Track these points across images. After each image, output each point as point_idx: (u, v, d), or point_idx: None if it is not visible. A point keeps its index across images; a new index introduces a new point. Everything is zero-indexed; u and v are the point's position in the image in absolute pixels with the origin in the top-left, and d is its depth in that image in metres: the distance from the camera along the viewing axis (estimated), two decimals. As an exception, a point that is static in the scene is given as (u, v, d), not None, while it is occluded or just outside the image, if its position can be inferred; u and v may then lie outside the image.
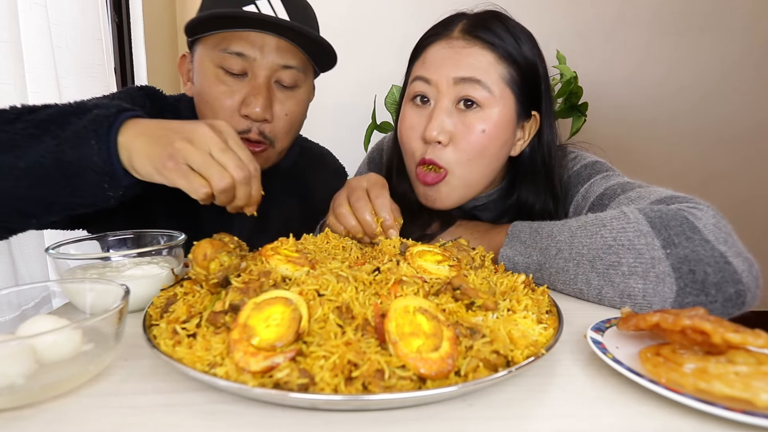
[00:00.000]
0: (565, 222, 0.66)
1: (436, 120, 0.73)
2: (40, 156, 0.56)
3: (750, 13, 2.31)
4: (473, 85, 0.72)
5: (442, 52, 0.75)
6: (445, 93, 0.73)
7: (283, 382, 0.34)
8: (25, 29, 1.10)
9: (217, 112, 0.79)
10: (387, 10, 2.24)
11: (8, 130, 0.58)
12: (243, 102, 0.78)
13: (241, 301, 0.41)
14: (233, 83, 0.78)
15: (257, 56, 0.77)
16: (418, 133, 0.76)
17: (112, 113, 0.57)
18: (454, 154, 0.74)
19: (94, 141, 0.55)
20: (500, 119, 0.73)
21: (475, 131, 0.72)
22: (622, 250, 0.58)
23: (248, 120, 0.79)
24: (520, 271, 0.67)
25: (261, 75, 0.78)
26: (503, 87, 0.73)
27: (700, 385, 0.35)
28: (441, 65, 0.74)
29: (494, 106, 0.73)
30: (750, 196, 2.44)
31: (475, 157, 0.74)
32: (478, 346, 0.38)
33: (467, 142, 0.73)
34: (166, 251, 0.59)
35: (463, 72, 0.72)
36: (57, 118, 0.59)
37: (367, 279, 0.46)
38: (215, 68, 0.78)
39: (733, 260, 0.55)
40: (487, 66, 0.72)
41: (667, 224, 0.57)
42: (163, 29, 2.04)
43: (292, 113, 0.83)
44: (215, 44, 0.77)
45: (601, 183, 0.76)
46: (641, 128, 2.37)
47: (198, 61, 0.81)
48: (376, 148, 1.05)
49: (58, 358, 0.37)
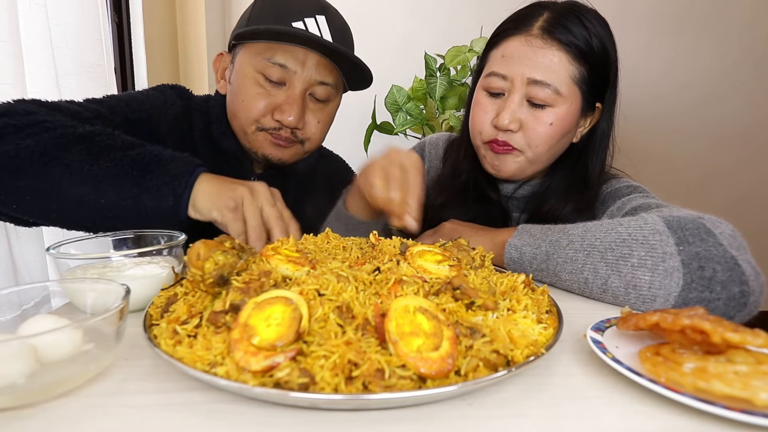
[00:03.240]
0: (581, 222, 0.68)
1: (508, 111, 0.80)
2: (121, 198, 0.64)
3: (749, 13, 2.31)
4: (543, 88, 0.78)
5: (520, 49, 0.79)
6: (518, 89, 0.80)
7: (284, 381, 0.34)
8: (25, 29, 1.10)
9: (250, 111, 0.84)
10: (387, 10, 2.24)
11: (93, 164, 0.64)
12: (277, 108, 0.84)
13: (241, 300, 0.41)
14: (271, 89, 0.84)
15: (297, 69, 0.82)
16: (489, 118, 0.83)
17: (189, 170, 0.67)
18: (524, 139, 0.82)
19: (171, 198, 0.65)
20: (566, 114, 0.80)
21: (543, 123, 0.80)
22: (635, 244, 0.59)
23: (279, 123, 0.84)
24: (527, 260, 0.69)
25: (298, 87, 0.84)
26: (572, 86, 0.79)
27: (700, 384, 0.35)
28: (518, 63, 0.79)
29: (562, 104, 0.79)
30: (748, 194, 2.45)
31: (542, 144, 0.81)
32: (478, 345, 0.38)
33: (535, 132, 0.80)
34: (167, 251, 0.59)
35: (537, 74, 0.77)
36: (139, 163, 0.66)
37: (368, 279, 0.46)
38: (255, 73, 0.83)
39: (743, 264, 0.56)
40: (559, 67, 0.77)
41: (683, 226, 0.59)
42: (163, 29, 2.04)
43: (323, 121, 0.91)
44: (259, 52, 0.83)
45: (638, 199, 0.79)
46: (640, 126, 2.37)
47: (239, 63, 0.86)
48: (418, 145, 1.11)
49: (58, 358, 0.37)
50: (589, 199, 0.85)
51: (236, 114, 0.87)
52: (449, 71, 1.91)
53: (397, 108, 1.94)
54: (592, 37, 0.78)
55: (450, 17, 2.26)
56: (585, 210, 0.85)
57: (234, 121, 0.89)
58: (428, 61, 1.90)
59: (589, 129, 0.87)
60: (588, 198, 0.85)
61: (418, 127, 1.98)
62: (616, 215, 0.79)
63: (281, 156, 0.89)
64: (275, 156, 0.89)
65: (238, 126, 0.88)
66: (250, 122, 0.86)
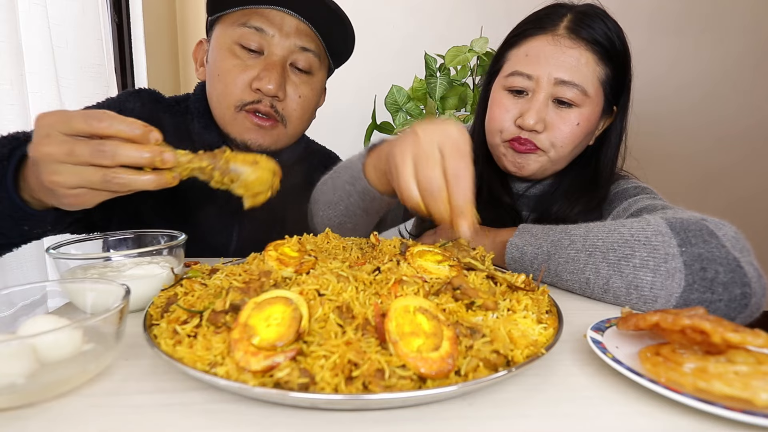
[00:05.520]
0: (584, 223, 0.67)
1: (534, 111, 0.78)
2: None
3: (750, 13, 2.31)
4: (571, 88, 0.77)
5: (546, 48, 0.78)
6: (545, 88, 0.78)
7: (284, 381, 0.34)
8: (25, 29, 1.10)
9: (228, 85, 0.79)
10: (387, 10, 2.24)
11: None
12: (256, 77, 0.78)
13: (241, 300, 0.41)
14: (248, 58, 0.79)
15: (276, 34, 0.78)
16: (512, 117, 0.81)
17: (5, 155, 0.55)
18: (548, 140, 0.80)
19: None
20: (591, 114, 0.80)
21: (569, 123, 0.79)
22: (638, 245, 0.59)
23: (259, 93, 0.79)
24: (528, 260, 0.68)
25: (277, 53, 0.79)
26: (598, 87, 0.79)
27: (700, 384, 0.35)
28: (545, 62, 0.78)
29: (588, 105, 0.79)
30: (749, 194, 2.45)
31: (566, 144, 0.81)
32: (478, 345, 0.38)
33: (560, 132, 0.79)
34: (167, 251, 0.59)
35: (566, 75, 0.77)
36: None
37: (368, 279, 0.46)
38: (232, 44, 0.79)
39: (745, 266, 0.56)
40: (587, 67, 0.77)
41: (686, 228, 0.59)
42: (163, 29, 2.04)
43: (305, 97, 0.84)
44: (235, 20, 0.79)
45: (645, 200, 0.78)
46: (641, 127, 2.37)
47: (215, 38, 0.82)
48: None
49: (58, 358, 0.37)
50: (597, 200, 0.85)
51: (215, 96, 0.83)
52: (449, 71, 1.91)
53: (397, 108, 1.94)
54: (614, 37, 0.78)
55: (450, 17, 2.26)
56: (593, 211, 0.85)
57: (215, 109, 0.85)
58: (428, 61, 1.90)
59: (603, 130, 0.87)
60: (597, 199, 0.85)
61: (418, 127, 1.98)
62: (622, 216, 0.78)
63: (261, 141, 0.84)
64: (255, 141, 0.83)
65: (219, 113, 0.84)
66: (230, 101, 0.80)
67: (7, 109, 1.06)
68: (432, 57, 1.90)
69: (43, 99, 1.15)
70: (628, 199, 0.82)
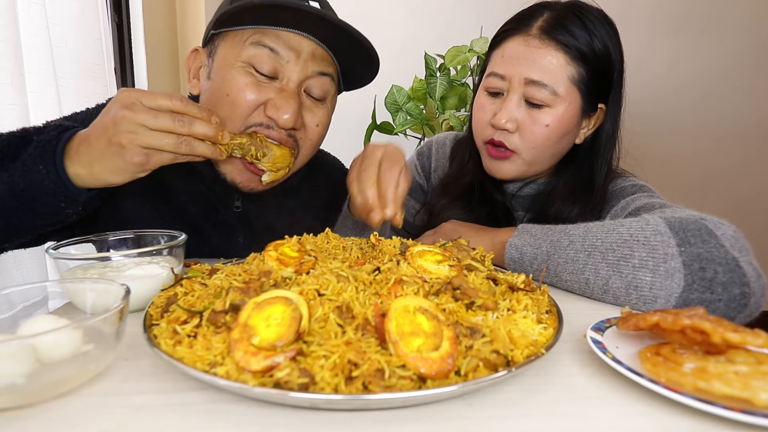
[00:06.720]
0: (582, 223, 0.68)
1: (505, 111, 0.80)
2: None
3: (750, 13, 2.31)
4: (540, 88, 0.78)
5: (518, 49, 0.80)
6: (516, 89, 0.80)
7: (284, 381, 0.34)
8: (24, 29, 1.10)
9: (236, 106, 0.70)
10: (387, 10, 2.24)
11: None
12: (269, 103, 0.71)
13: (241, 300, 0.41)
14: (261, 80, 0.71)
15: (291, 58, 0.71)
16: (488, 118, 0.84)
17: (53, 136, 0.59)
18: (521, 141, 0.82)
19: (42, 166, 0.57)
20: (564, 115, 0.80)
21: (539, 124, 0.80)
22: (637, 245, 0.59)
23: (272, 121, 0.72)
24: (527, 260, 0.68)
25: (293, 80, 0.72)
26: (570, 87, 0.79)
27: (700, 384, 0.35)
28: (516, 63, 0.79)
29: (559, 105, 0.79)
30: (749, 194, 2.45)
31: (539, 145, 0.82)
32: (478, 345, 0.38)
33: (531, 133, 0.81)
34: (167, 251, 0.59)
35: (534, 74, 0.77)
36: (5, 150, 0.61)
37: (368, 279, 0.46)
38: (242, 63, 0.70)
39: (744, 266, 0.56)
40: (557, 68, 0.77)
41: (685, 228, 0.59)
42: (163, 29, 2.04)
43: (322, 124, 0.78)
44: (245, 38, 0.70)
45: (643, 199, 0.78)
46: (641, 127, 2.37)
47: (222, 56, 0.73)
48: (425, 144, 1.11)
49: (58, 358, 0.37)
50: (595, 200, 0.85)
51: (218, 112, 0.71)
52: (449, 71, 1.91)
53: (397, 108, 1.94)
54: (593, 37, 0.78)
55: (450, 17, 2.25)
56: (591, 212, 0.84)
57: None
58: (428, 61, 1.90)
59: (594, 130, 0.87)
60: (594, 200, 0.85)
61: (418, 127, 1.98)
62: (620, 215, 0.79)
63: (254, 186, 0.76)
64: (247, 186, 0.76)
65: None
66: (238, 122, 0.71)
67: (6, 108, 1.06)
68: (432, 57, 1.90)
69: (42, 98, 1.15)
70: (626, 197, 0.82)
